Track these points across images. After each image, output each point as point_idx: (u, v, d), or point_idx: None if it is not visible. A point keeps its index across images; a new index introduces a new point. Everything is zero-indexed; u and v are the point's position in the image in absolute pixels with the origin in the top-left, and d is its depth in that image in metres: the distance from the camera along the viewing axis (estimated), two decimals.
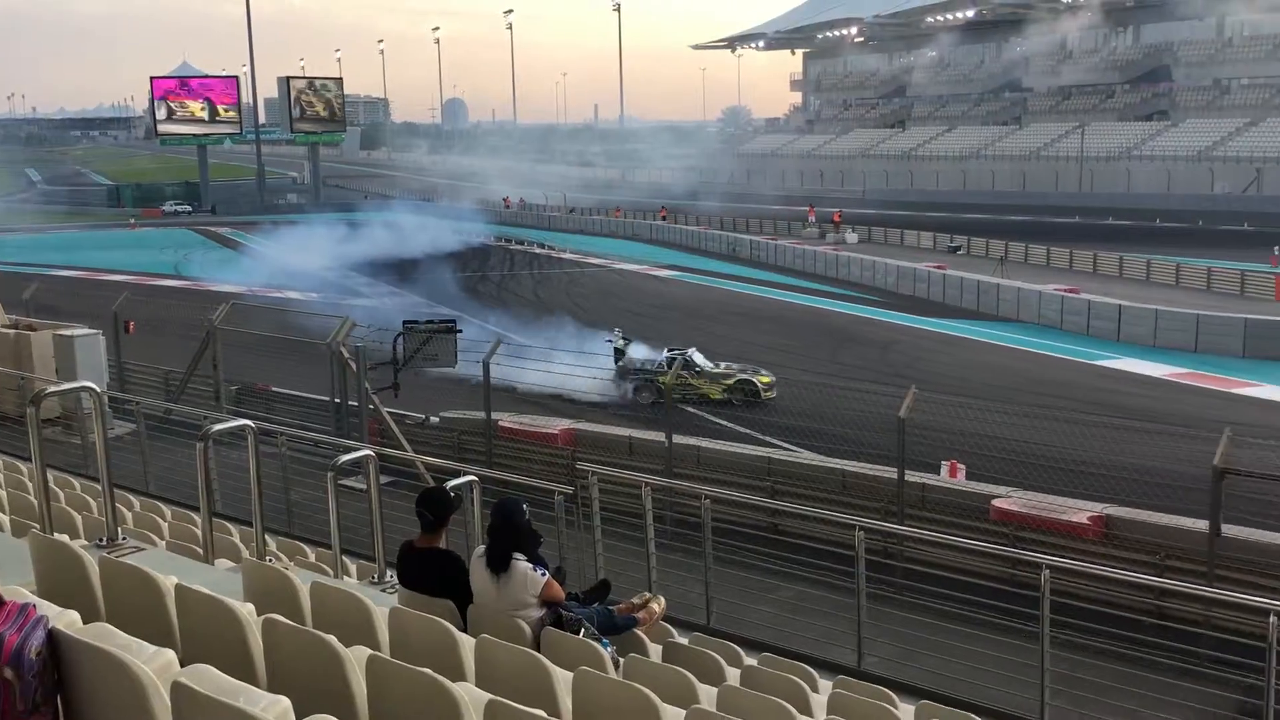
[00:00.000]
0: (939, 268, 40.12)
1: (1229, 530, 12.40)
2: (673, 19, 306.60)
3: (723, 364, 23.86)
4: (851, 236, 54.17)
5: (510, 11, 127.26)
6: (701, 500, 8.98)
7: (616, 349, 24.09)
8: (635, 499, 9.36)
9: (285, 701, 2.93)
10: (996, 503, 14.11)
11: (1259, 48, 72.82)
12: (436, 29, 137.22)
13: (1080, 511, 13.59)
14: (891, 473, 13.99)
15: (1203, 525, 12.20)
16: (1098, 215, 59.00)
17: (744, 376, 23.05)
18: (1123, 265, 39.93)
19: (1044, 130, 78.64)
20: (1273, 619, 6.31)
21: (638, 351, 24.52)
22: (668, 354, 23.25)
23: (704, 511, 8.87)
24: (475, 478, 8.17)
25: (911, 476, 14.27)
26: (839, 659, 8.06)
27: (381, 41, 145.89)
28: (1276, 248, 40.59)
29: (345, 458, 7.13)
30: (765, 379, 23.02)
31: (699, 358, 23.50)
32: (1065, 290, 34.13)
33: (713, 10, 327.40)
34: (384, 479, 9.50)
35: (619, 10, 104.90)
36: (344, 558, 7.32)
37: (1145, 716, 7.58)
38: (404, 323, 19.02)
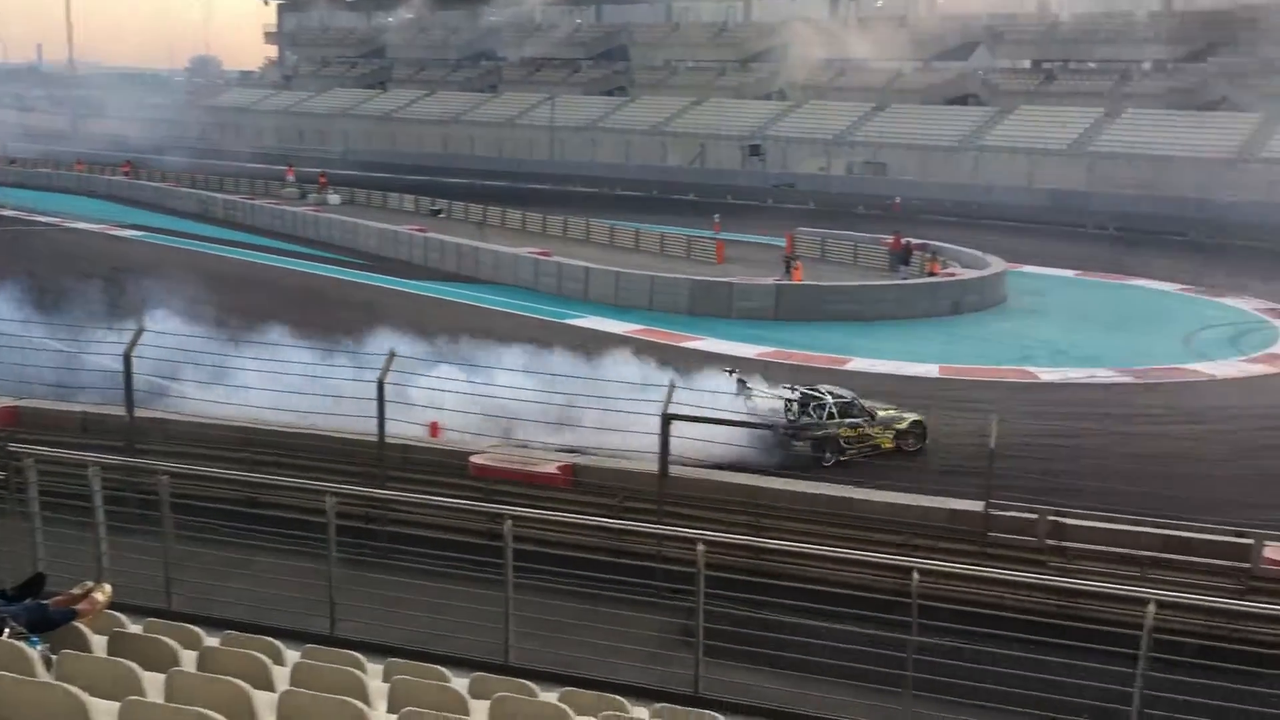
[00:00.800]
0: (420, 230, 40.53)
1: (676, 471, 13.84)
2: None
3: (878, 406, 18.61)
4: (334, 198, 53.07)
5: None
6: (157, 479, 8.37)
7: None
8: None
9: None
10: (474, 459, 14.61)
11: (702, 34, 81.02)
12: None
13: (550, 463, 14.47)
14: (373, 436, 13.97)
15: (654, 467, 13.49)
16: (568, 183, 62.67)
17: (916, 417, 18.33)
18: (589, 230, 42.80)
19: (518, 99, 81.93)
20: (700, 547, 7.12)
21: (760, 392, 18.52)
22: (797, 393, 18.19)
23: (162, 489, 8.28)
24: None
25: (392, 439, 14.35)
26: (312, 628, 7.92)
27: None
28: (717, 215, 45.57)
29: None
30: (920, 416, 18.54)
31: (849, 395, 18.26)
32: (539, 253, 35.93)
33: None
34: None
35: None
36: None
37: (601, 647, 8.21)
38: None
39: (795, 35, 75.42)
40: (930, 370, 24.72)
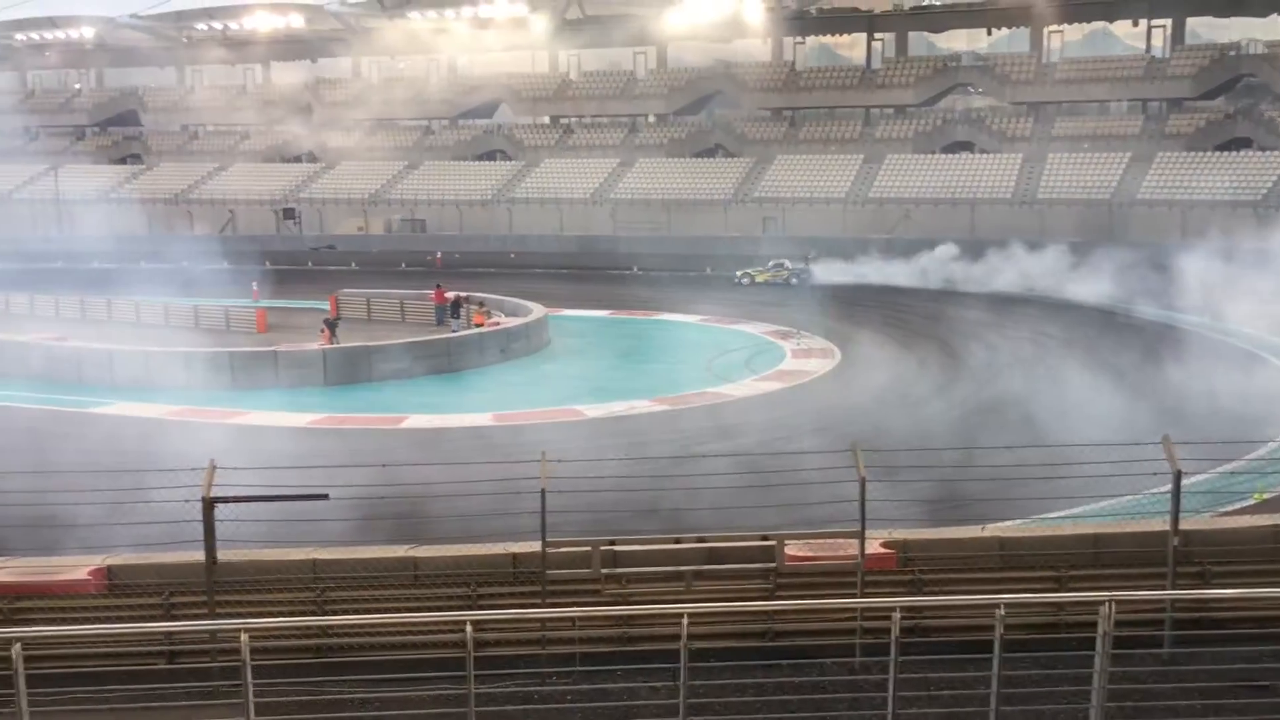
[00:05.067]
0: None
1: (226, 555, 13.02)
2: None
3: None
4: None
5: None
6: None
7: None
8: None
9: None
10: None
11: (221, 97, 77.61)
12: None
13: (79, 567, 13.08)
14: None
15: (200, 556, 12.61)
16: (81, 260, 57.40)
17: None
18: (111, 309, 39.49)
19: (13, 171, 74.10)
20: (244, 637, 6.76)
21: None
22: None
23: None
24: None
25: None
26: None
27: None
28: (254, 283, 43.79)
29: None
30: None
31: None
32: (52, 338, 32.62)
33: None
34: None
35: None
36: None
37: None
38: None
39: (318, 97, 74.64)
40: (484, 419, 25.26)
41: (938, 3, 64.60)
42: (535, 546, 13.52)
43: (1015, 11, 60.16)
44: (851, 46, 69.14)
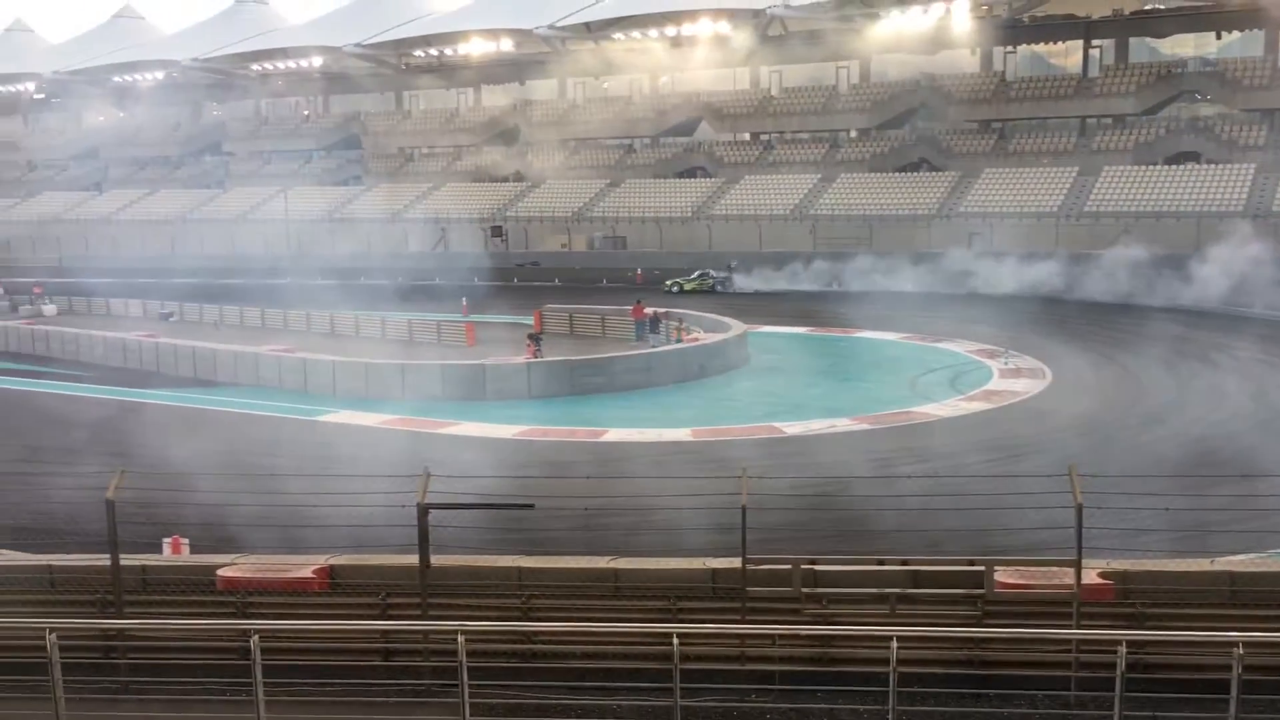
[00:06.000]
0: (151, 336, 38.44)
1: (439, 559, 13.56)
2: None
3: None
4: (50, 308, 49.68)
5: None
6: None
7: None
8: None
9: None
10: (222, 572, 13.82)
11: (434, 120, 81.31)
12: None
13: (305, 566, 13.86)
14: (106, 560, 13.01)
15: (414, 559, 13.17)
16: (309, 275, 60.98)
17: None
18: (333, 322, 41.79)
19: (249, 194, 79.57)
20: (460, 639, 7.00)
21: None
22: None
23: None
24: None
25: (129, 560, 13.41)
26: None
27: None
28: (464, 298, 45.53)
29: None
30: None
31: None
32: (282, 350, 34.75)
33: None
34: None
35: None
36: None
37: None
38: None
39: (525, 119, 77.07)
40: (683, 435, 25.41)
41: (1161, 6, 61.28)
42: (735, 563, 13.50)
43: (1247, 13, 56.42)
44: (1066, 54, 66.32)
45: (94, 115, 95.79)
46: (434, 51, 78.78)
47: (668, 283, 52.55)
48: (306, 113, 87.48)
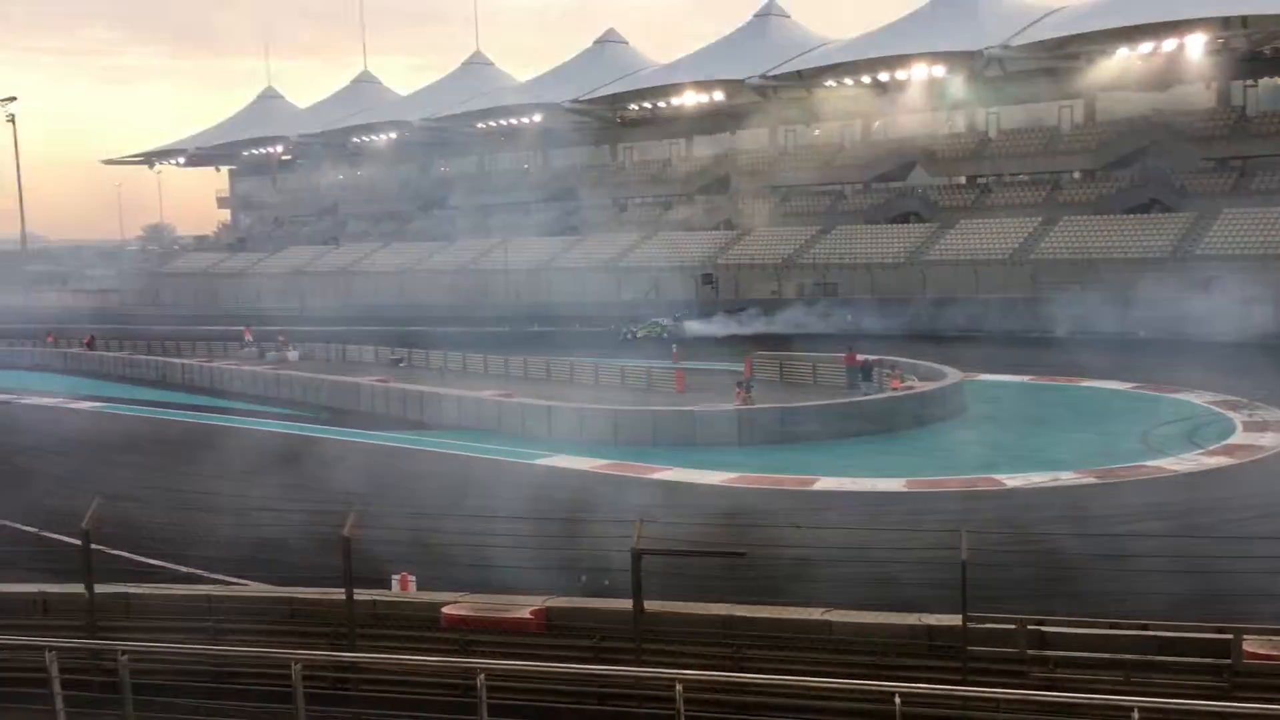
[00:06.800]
0: (382, 381, 40.56)
1: (651, 605, 13.67)
2: (78, 133, 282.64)
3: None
4: (292, 354, 53.16)
5: None
6: (119, 657, 8.17)
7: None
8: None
9: None
10: (446, 609, 14.36)
11: (646, 171, 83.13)
12: None
13: (523, 607, 14.23)
14: (341, 594, 13.72)
15: (629, 604, 13.31)
16: (527, 323, 63.19)
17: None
18: (549, 368, 43.03)
19: (472, 245, 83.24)
20: (678, 688, 7.02)
21: None
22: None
23: (122, 669, 8.07)
24: None
25: (362, 595, 14.11)
26: None
27: None
28: (675, 345, 46.07)
29: None
30: None
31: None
32: (500, 395, 36.01)
33: (125, 124, 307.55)
34: None
35: (13, 122, 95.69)
36: None
37: None
38: None
39: (735, 166, 77.71)
40: (897, 485, 24.79)
41: None
42: (955, 619, 13.03)
43: None
44: None
45: (333, 174, 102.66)
46: (647, 105, 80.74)
47: (624, 330, 55.66)
48: (526, 166, 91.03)
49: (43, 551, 19.86)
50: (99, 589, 14.05)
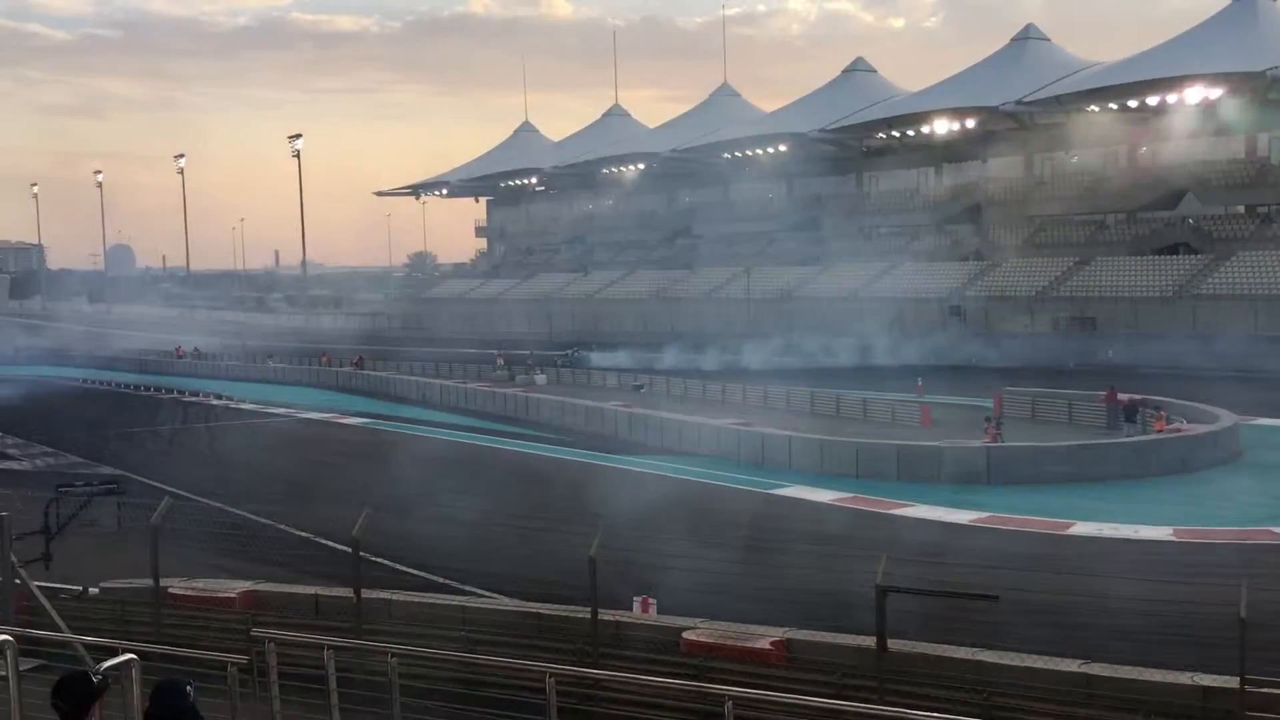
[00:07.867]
0: (625, 406, 41.44)
1: (895, 645, 13.32)
2: (354, 166, 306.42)
3: None
4: (540, 378, 55.14)
5: (181, 156, 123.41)
6: (388, 659, 8.66)
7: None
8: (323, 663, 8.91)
9: None
10: (687, 635, 14.47)
11: (895, 200, 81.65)
12: (98, 172, 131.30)
13: (763, 637, 14.16)
14: (586, 612, 14.08)
15: (871, 641, 13.03)
16: (765, 352, 62.97)
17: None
18: (789, 398, 42.78)
19: (715, 274, 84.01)
20: None
21: None
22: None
23: (390, 671, 8.55)
24: (134, 656, 7.47)
25: (605, 615, 14.43)
26: None
27: (35, 185, 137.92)
28: (919, 379, 44.86)
29: None
30: None
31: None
32: (740, 424, 36.08)
33: (396, 157, 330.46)
34: (33, 662, 8.55)
35: (298, 157, 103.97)
36: None
37: None
38: (57, 486, 17.47)
39: (988, 195, 75.18)
40: (1164, 533, 23.19)
41: None
42: (1232, 682, 12.07)
43: None
44: None
45: (583, 204, 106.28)
46: (895, 133, 79.38)
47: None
48: (770, 195, 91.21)
49: (313, 556, 21.36)
50: (364, 594, 14.97)
